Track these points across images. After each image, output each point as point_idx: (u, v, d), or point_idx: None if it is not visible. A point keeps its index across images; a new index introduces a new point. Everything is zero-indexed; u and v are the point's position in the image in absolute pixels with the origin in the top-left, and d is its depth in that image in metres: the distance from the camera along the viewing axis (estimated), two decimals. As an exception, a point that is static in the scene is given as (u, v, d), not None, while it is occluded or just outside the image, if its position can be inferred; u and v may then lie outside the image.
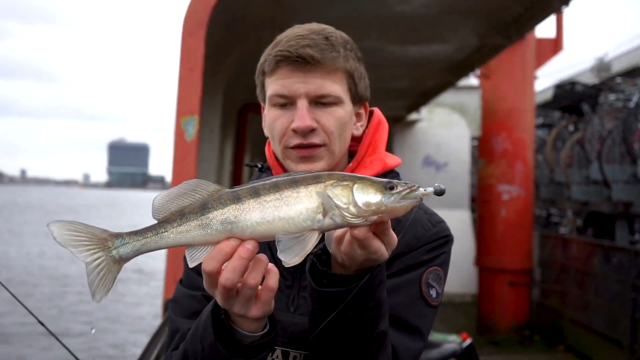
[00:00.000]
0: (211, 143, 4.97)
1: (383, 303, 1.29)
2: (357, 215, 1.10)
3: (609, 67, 16.34)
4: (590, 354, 7.73)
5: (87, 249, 1.09)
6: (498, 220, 9.17)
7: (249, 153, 8.17)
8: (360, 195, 1.10)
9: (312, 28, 1.49)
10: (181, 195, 1.14)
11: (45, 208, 65.90)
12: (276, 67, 1.46)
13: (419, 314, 1.45)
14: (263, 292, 1.17)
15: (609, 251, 7.51)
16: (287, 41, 1.45)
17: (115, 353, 10.52)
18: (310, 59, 1.42)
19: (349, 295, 1.23)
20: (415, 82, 8.10)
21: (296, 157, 1.48)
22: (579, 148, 10.11)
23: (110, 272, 1.10)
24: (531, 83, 9.47)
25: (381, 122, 1.62)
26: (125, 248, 1.10)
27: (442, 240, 1.52)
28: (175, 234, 1.10)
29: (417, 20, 5.14)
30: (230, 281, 1.11)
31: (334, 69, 1.46)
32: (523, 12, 5.08)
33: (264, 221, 1.09)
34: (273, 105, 1.50)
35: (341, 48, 1.48)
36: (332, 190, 1.10)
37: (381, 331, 1.30)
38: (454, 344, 4.91)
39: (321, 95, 1.45)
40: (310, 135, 1.45)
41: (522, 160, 9.18)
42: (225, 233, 1.10)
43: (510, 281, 9.01)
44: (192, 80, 3.62)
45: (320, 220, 1.10)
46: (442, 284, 1.51)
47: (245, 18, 4.55)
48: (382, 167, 1.56)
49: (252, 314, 1.18)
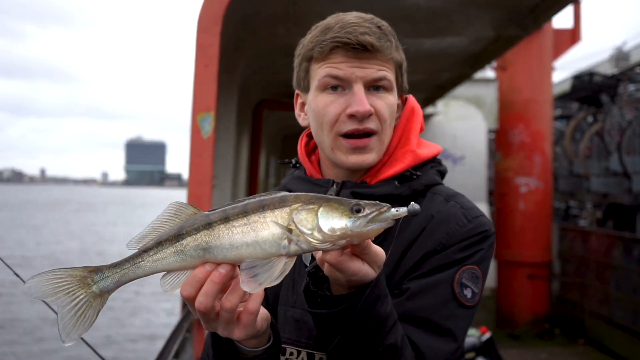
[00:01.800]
0: (227, 140, 4.99)
1: (386, 318, 1.23)
2: (323, 241, 1.05)
3: (628, 56, 16.09)
4: (612, 347, 7.66)
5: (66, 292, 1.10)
6: (516, 213, 9.10)
7: (265, 150, 8.19)
8: (325, 220, 1.04)
9: (361, 16, 1.46)
10: (163, 223, 1.13)
11: (68, 206, 66.74)
12: (330, 52, 1.41)
13: (451, 315, 1.37)
14: (243, 314, 1.14)
15: (630, 243, 7.42)
16: (341, 27, 1.41)
17: (136, 347, 10.63)
18: (370, 46, 1.39)
19: (339, 315, 1.19)
20: (431, 76, 8.04)
21: (347, 148, 1.44)
22: (598, 139, 9.99)
23: (90, 307, 1.11)
24: (548, 74, 9.36)
25: (414, 111, 1.56)
26: (104, 282, 1.11)
27: (479, 237, 1.43)
28: (152, 263, 1.11)
29: (431, 13, 5.09)
30: (204, 305, 1.10)
31: (387, 58, 1.43)
32: (540, 2, 5.02)
33: (232, 247, 1.07)
34: (323, 90, 1.44)
35: (392, 38, 1.46)
36: (297, 215, 1.06)
37: (389, 345, 1.24)
38: (474, 337, 4.89)
39: (378, 79, 1.42)
40: (366, 121, 1.42)
41: (540, 152, 9.09)
42: (199, 258, 1.10)
43: (529, 274, 8.95)
44: (208, 76, 3.63)
45: (285, 247, 1.06)
46: (480, 282, 1.42)
47: (260, 14, 4.55)
48: (413, 159, 1.50)
49: (235, 336, 1.16)
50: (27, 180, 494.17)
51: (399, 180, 1.48)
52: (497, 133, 10.10)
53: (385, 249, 1.43)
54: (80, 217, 47.87)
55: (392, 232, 1.44)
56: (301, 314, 1.43)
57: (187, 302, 1.14)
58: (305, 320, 1.42)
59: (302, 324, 1.42)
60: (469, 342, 4.84)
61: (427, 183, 1.50)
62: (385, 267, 1.40)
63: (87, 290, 1.10)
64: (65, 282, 1.10)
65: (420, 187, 1.49)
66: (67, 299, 1.10)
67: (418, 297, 1.36)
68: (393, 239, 1.44)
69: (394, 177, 1.48)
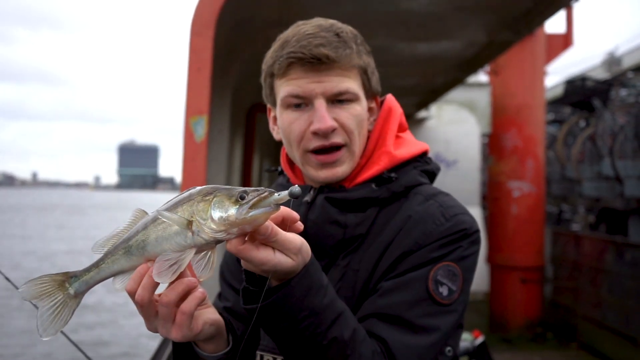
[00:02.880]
0: (220, 143, 4.97)
1: (324, 310, 1.19)
2: (217, 230, 1.08)
3: (620, 61, 16.20)
4: (604, 351, 7.68)
5: (49, 295, 1.20)
6: (509, 217, 9.13)
7: (258, 153, 8.18)
8: (216, 210, 1.08)
9: (320, 24, 1.43)
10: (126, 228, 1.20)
11: (60, 209, 66.44)
12: (288, 68, 1.40)
13: (424, 313, 1.34)
14: (177, 314, 1.15)
15: (622, 247, 7.45)
16: (297, 41, 1.39)
17: (130, 349, 10.58)
18: (326, 58, 1.37)
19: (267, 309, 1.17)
20: (424, 80, 8.06)
21: (316, 164, 1.43)
22: (591, 144, 10.04)
23: (66, 307, 1.20)
24: (541, 79, 9.41)
25: (391, 111, 1.54)
26: (78, 284, 1.20)
27: (457, 235, 1.39)
28: (109, 264, 1.19)
29: (425, 17, 5.11)
30: (141, 297, 1.13)
31: (348, 66, 1.41)
32: (532, 7, 5.04)
33: (157, 243, 1.13)
34: (287, 107, 1.44)
35: (353, 44, 1.42)
36: (197, 206, 1.11)
37: (333, 338, 1.20)
38: (466, 342, 4.89)
39: (339, 93, 1.40)
40: (331, 136, 1.40)
41: (533, 156, 9.12)
42: (140, 257, 1.16)
43: (522, 278, 8.97)
44: (201, 80, 3.62)
45: (190, 238, 1.11)
46: (459, 280, 1.38)
47: (253, 18, 4.55)
48: (389, 160, 1.47)
49: (172, 336, 1.17)
50: (18, 183, 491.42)
51: (377, 182, 1.46)
52: (490, 137, 10.13)
53: (363, 251, 1.43)
54: (70, 221, 47.64)
55: (369, 234, 1.44)
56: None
57: (131, 299, 1.17)
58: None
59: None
60: (462, 346, 4.83)
61: (408, 184, 1.48)
62: (362, 270, 1.41)
63: (64, 292, 1.20)
64: (48, 285, 1.20)
65: (401, 189, 1.46)
66: (48, 300, 1.20)
67: (390, 294, 1.34)
68: (372, 242, 1.43)
69: (371, 180, 1.46)
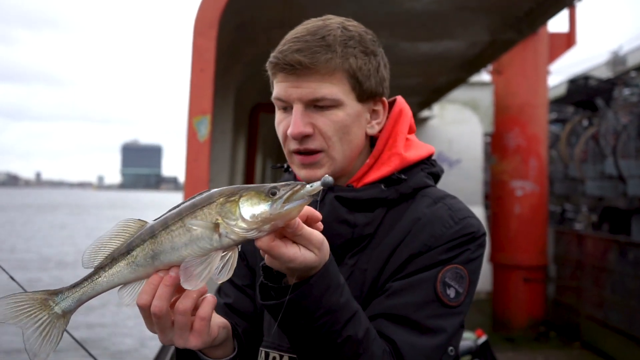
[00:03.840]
0: (223, 143, 4.99)
1: (340, 309, 1.21)
2: (248, 229, 1.08)
3: (624, 61, 16.16)
4: (606, 350, 7.67)
5: (28, 315, 1.15)
6: (512, 217, 9.12)
7: (261, 153, 8.19)
8: (246, 208, 1.08)
9: (312, 26, 1.42)
10: (113, 239, 1.18)
11: (64, 208, 66.61)
12: (274, 71, 1.43)
13: (432, 314, 1.36)
14: (196, 321, 1.16)
15: (625, 247, 7.44)
16: (282, 44, 1.41)
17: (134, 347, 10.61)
18: (298, 65, 1.36)
19: (289, 306, 1.18)
20: (427, 79, 8.06)
21: (298, 164, 1.45)
22: (594, 143, 10.03)
23: (54, 327, 1.16)
24: (544, 78, 9.40)
25: (402, 112, 1.54)
26: (66, 302, 1.16)
27: (466, 238, 1.40)
28: (108, 277, 1.16)
29: (427, 17, 5.11)
30: (158, 308, 1.12)
31: (329, 71, 1.38)
32: (535, 7, 5.04)
33: (173, 250, 1.12)
34: (277, 108, 1.47)
35: (339, 47, 1.39)
36: (222, 208, 1.10)
37: (347, 337, 1.22)
38: (469, 341, 4.89)
39: (315, 99, 1.39)
40: (305, 141, 1.41)
41: (535, 155, 9.12)
42: (150, 266, 1.14)
43: (525, 278, 8.96)
44: (204, 80, 3.63)
45: (217, 240, 1.10)
46: (465, 282, 1.40)
47: (256, 19, 4.56)
48: (400, 162, 1.48)
49: (191, 344, 1.17)
50: (22, 183, 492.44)
51: (386, 183, 1.47)
52: (492, 136, 10.12)
53: (371, 251, 1.44)
54: (74, 220, 47.75)
55: (377, 234, 1.45)
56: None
57: (143, 313, 1.16)
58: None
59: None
60: (465, 345, 4.83)
61: (416, 186, 1.49)
62: (371, 270, 1.42)
63: (50, 311, 1.16)
64: (26, 305, 1.15)
65: (409, 190, 1.48)
66: (30, 321, 1.15)
67: (398, 295, 1.36)
68: (380, 242, 1.44)
69: (381, 181, 1.47)
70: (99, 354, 2.55)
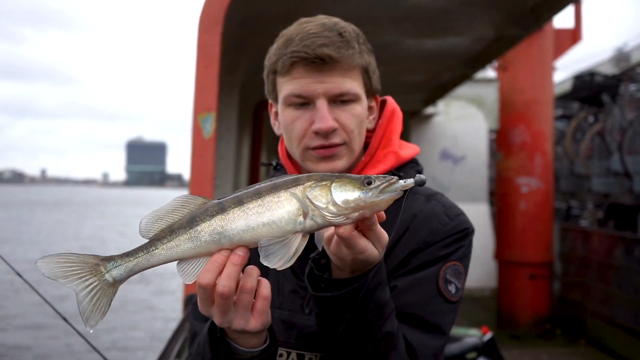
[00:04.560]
0: (228, 140, 4.99)
1: (385, 305, 1.27)
2: (337, 214, 1.09)
3: (629, 57, 16.07)
4: (613, 347, 7.65)
5: (79, 277, 1.11)
6: (517, 213, 9.09)
7: (265, 150, 8.19)
8: (339, 193, 1.09)
9: (323, 24, 1.44)
10: (170, 213, 1.15)
11: (69, 205, 66.84)
12: (291, 67, 1.42)
13: (437, 310, 1.42)
14: (258, 301, 1.17)
15: (632, 243, 7.41)
16: (300, 40, 1.41)
17: (140, 345, 10.64)
18: (329, 59, 1.39)
19: (343, 298, 1.22)
20: (432, 76, 8.04)
21: (316, 158, 1.46)
22: (599, 139, 9.98)
23: (105, 296, 1.12)
24: (549, 74, 9.35)
25: (395, 112, 1.58)
26: (118, 270, 1.12)
27: (461, 234, 1.48)
28: (166, 250, 1.12)
29: (433, 13, 5.10)
30: (227, 288, 1.11)
31: (351, 66, 1.43)
32: (541, 2, 5.02)
33: (248, 228, 1.10)
34: (289, 106, 1.46)
35: (355, 43, 1.44)
36: (311, 191, 1.10)
37: (387, 332, 1.27)
38: (475, 337, 4.89)
39: (340, 94, 1.43)
40: (331, 136, 1.43)
41: (541, 152, 9.08)
42: (214, 244, 1.12)
43: (530, 274, 8.94)
44: (209, 77, 3.63)
45: (301, 223, 1.10)
46: (463, 278, 1.48)
47: (261, 15, 4.55)
48: (396, 160, 1.53)
49: (251, 326, 1.17)
50: (27, 180, 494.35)
51: None
52: (498, 133, 10.08)
53: None
54: (78, 218, 47.90)
55: None
56: (288, 315, 1.45)
57: (203, 292, 1.13)
58: (293, 322, 1.44)
59: (290, 325, 1.44)
60: (471, 342, 4.83)
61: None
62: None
63: (100, 278, 1.11)
64: (77, 267, 1.11)
65: None
66: (82, 285, 1.11)
67: (405, 294, 1.40)
68: None
69: None
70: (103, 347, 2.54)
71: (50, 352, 10.22)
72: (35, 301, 10.55)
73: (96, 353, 2.16)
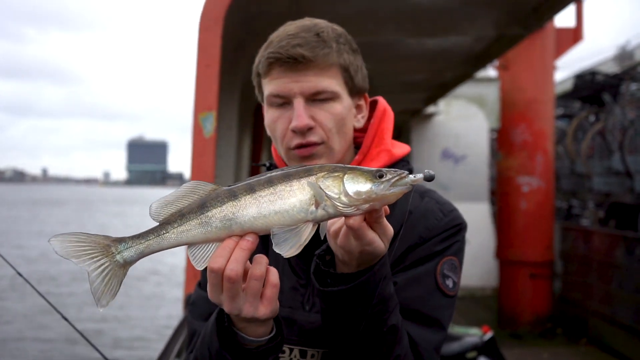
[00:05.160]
0: (229, 139, 4.99)
1: (390, 298, 1.29)
2: (349, 205, 1.11)
3: (631, 56, 16.06)
4: (614, 346, 7.64)
5: (90, 257, 1.12)
6: (518, 213, 9.09)
7: (266, 149, 8.20)
8: (351, 184, 1.12)
9: (303, 25, 1.48)
10: (180, 198, 1.16)
11: (71, 204, 66.88)
12: (269, 68, 1.46)
13: (437, 305, 1.46)
14: (267, 289, 1.19)
15: (633, 242, 7.41)
16: (278, 41, 1.45)
17: (140, 345, 10.65)
18: (302, 58, 1.42)
19: (351, 292, 1.24)
20: (433, 75, 8.04)
21: (297, 158, 1.48)
22: (600, 138, 9.98)
23: (115, 276, 1.13)
24: (551, 73, 9.35)
25: (386, 112, 1.61)
26: (128, 252, 1.13)
27: (455, 229, 1.53)
28: (177, 234, 1.13)
29: (434, 12, 5.09)
30: (235, 272, 1.12)
31: (327, 65, 1.45)
32: (542, 2, 5.01)
33: (260, 215, 1.12)
34: (270, 106, 1.50)
35: (333, 43, 1.46)
36: (324, 181, 1.13)
37: (392, 325, 1.30)
38: (475, 337, 4.89)
39: (316, 92, 1.45)
40: (308, 134, 1.45)
41: (542, 151, 9.08)
42: (225, 229, 1.13)
43: (531, 274, 8.93)
44: (209, 76, 3.63)
45: (313, 212, 1.12)
46: (458, 272, 1.52)
47: (262, 14, 4.55)
48: (389, 158, 1.55)
49: (260, 313, 1.19)
50: (29, 179, 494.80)
51: None
52: (499, 132, 10.08)
53: None
54: (78, 216, 47.94)
55: None
56: (289, 312, 1.46)
57: (214, 276, 1.15)
58: (294, 319, 1.46)
59: (291, 322, 1.45)
60: (471, 341, 4.83)
61: None
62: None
63: (111, 259, 1.13)
64: (88, 247, 1.12)
65: None
66: (93, 265, 1.12)
67: (404, 289, 1.43)
68: None
69: None
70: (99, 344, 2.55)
71: (50, 349, 10.24)
72: (36, 300, 10.56)
73: (98, 353, 2.17)
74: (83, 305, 12.75)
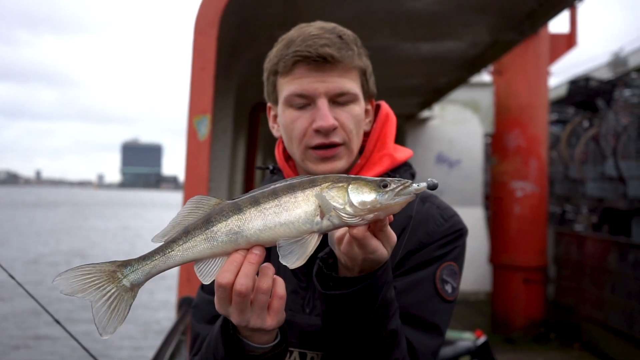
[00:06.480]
0: (223, 142, 4.98)
1: (390, 303, 1.30)
2: (354, 215, 1.12)
3: (625, 62, 16.15)
4: (607, 351, 7.67)
5: (96, 287, 1.11)
6: (512, 217, 9.12)
7: (261, 152, 8.19)
8: (355, 195, 1.12)
9: (323, 27, 1.48)
10: (186, 217, 1.16)
11: (66, 206, 66.63)
12: (293, 67, 1.45)
13: (435, 310, 1.46)
14: (274, 300, 1.20)
15: (626, 248, 7.44)
16: (302, 40, 1.44)
17: (132, 344, 10.60)
18: (331, 58, 1.42)
19: (353, 296, 1.25)
20: (428, 79, 8.06)
21: (316, 158, 1.48)
22: (594, 144, 10.02)
23: (122, 301, 1.13)
24: (545, 79, 9.39)
25: (389, 116, 1.61)
26: (135, 274, 1.13)
27: (455, 235, 1.53)
28: (182, 252, 1.13)
29: (429, 17, 5.11)
30: (245, 286, 1.13)
31: (350, 67, 1.46)
32: (536, 8, 5.04)
33: (265, 228, 1.12)
34: (290, 106, 1.49)
35: (354, 46, 1.48)
36: (328, 192, 1.13)
37: (391, 330, 1.31)
38: (469, 341, 4.89)
39: (340, 94, 1.46)
40: (331, 134, 1.46)
41: (536, 156, 9.11)
42: (231, 243, 1.13)
43: (524, 278, 8.96)
44: (204, 79, 3.63)
45: (318, 223, 1.12)
46: (458, 278, 1.52)
47: (257, 18, 4.55)
48: (391, 162, 1.56)
49: (267, 324, 1.20)
50: (22, 182, 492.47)
51: None
52: (493, 137, 10.11)
53: None
54: (74, 219, 47.76)
55: None
56: (289, 315, 1.46)
57: (222, 291, 1.15)
58: (294, 321, 1.46)
59: (291, 325, 1.45)
60: (464, 345, 4.83)
61: None
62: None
63: (118, 284, 1.12)
64: (94, 277, 1.11)
65: None
66: (98, 294, 1.11)
67: (403, 294, 1.43)
68: None
69: None
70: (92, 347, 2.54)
71: (45, 354, 10.17)
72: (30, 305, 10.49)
73: (90, 357, 2.16)
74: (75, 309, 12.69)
